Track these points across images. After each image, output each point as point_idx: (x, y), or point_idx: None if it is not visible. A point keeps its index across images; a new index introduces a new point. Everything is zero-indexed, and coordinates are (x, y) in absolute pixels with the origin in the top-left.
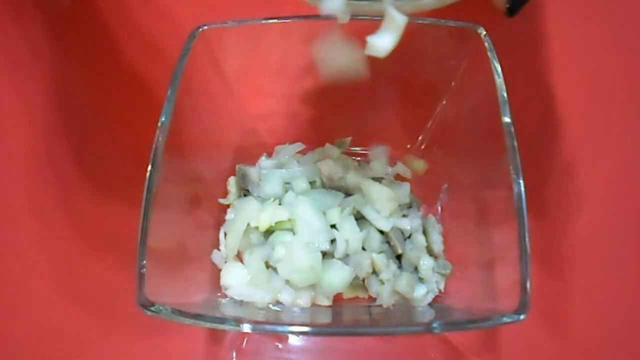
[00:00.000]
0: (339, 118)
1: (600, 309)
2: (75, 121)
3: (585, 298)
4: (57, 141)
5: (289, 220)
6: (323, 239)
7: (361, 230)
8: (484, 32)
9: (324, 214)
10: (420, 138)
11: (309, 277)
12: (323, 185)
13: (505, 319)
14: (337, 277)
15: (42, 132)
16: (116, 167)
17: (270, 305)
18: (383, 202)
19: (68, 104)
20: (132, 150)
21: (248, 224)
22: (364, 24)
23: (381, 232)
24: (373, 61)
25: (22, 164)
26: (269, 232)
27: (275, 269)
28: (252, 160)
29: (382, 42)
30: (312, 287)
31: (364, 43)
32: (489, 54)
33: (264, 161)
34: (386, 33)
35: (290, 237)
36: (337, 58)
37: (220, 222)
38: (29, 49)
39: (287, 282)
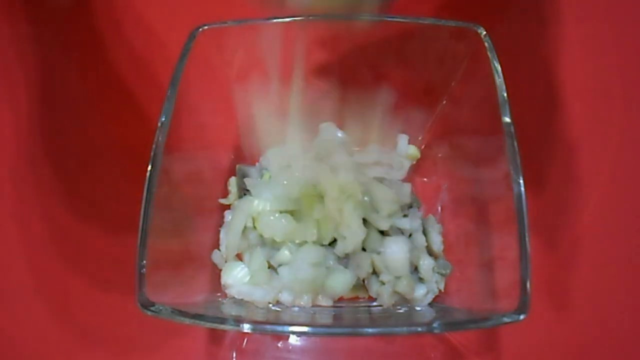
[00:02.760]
0: (339, 118)
1: (601, 309)
2: (75, 121)
3: (585, 298)
4: (56, 141)
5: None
6: (331, 255)
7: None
8: (484, 32)
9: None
10: (420, 138)
11: (310, 288)
12: None
13: (505, 319)
14: (340, 281)
15: (42, 132)
16: (116, 167)
17: (271, 305)
18: (384, 203)
19: (67, 103)
20: (132, 150)
21: (246, 225)
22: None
23: (381, 232)
24: (373, 61)
25: (20, 164)
26: None
27: (275, 270)
28: (252, 160)
29: None
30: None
31: None
32: (489, 54)
33: (264, 161)
34: None
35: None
36: None
37: (220, 222)
38: (32, 47)
39: None
